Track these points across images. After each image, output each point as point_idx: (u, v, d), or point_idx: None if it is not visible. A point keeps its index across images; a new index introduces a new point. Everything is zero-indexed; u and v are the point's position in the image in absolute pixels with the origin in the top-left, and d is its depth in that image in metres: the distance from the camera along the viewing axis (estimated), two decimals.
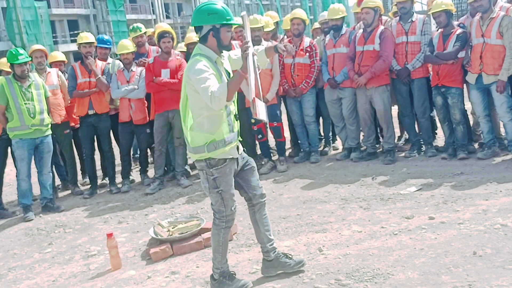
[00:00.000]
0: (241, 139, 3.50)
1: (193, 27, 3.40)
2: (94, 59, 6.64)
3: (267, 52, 3.43)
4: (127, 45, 6.65)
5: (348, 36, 6.53)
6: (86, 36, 6.70)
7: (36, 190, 6.44)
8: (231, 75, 3.32)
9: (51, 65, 7.21)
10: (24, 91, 5.90)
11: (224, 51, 3.38)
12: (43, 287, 4.08)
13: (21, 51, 5.97)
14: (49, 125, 6.14)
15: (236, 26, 6.85)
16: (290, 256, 3.63)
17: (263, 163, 6.74)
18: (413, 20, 6.24)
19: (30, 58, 6.04)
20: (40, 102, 6.00)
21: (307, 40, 6.68)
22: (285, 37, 7.42)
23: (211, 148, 3.25)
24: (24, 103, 5.87)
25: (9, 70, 6.20)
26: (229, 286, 3.43)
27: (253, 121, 6.56)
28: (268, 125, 6.77)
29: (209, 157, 3.28)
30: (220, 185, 3.34)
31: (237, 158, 3.42)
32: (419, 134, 6.60)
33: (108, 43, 7.17)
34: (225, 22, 3.23)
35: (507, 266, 3.28)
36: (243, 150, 3.60)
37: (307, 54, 6.61)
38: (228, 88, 3.07)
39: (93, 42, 6.66)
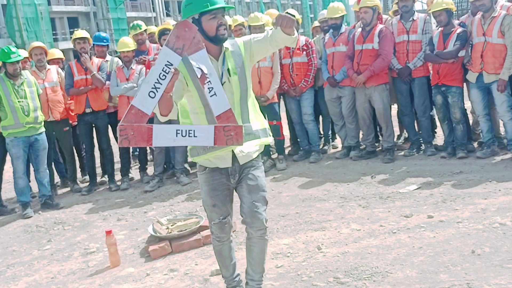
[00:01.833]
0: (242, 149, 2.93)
1: None
2: (90, 56, 6.62)
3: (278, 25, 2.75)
4: (128, 43, 6.64)
5: (348, 34, 6.52)
6: (80, 32, 6.70)
7: (35, 187, 6.45)
8: (241, 71, 2.85)
9: (49, 62, 7.19)
10: (17, 89, 5.90)
11: (233, 40, 2.92)
12: (41, 284, 4.08)
13: (13, 49, 5.96)
14: (43, 123, 6.14)
15: (237, 23, 6.94)
16: None
17: (262, 161, 6.74)
18: (415, 19, 6.24)
19: (22, 57, 6.02)
20: (33, 99, 6.00)
21: (302, 39, 6.68)
22: None
23: (194, 153, 2.93)
24: (18, 101, 5.87)
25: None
26: None
27: None
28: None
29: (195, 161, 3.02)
30: (201, 193, 3.06)
31: (229, 168, 2.95)
32: (418, 133, 6.60)
33: (105, 41, 7.15)
34: (202, 10, 2.74)
35: (505, 265, 3.28)
36: (257, 158, 3.04)
37: (304, 52, 6.61)
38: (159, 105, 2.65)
39: (87, 38, 6.61)
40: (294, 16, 2.66)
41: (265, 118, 7.05)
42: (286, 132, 7.24)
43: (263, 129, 3.00)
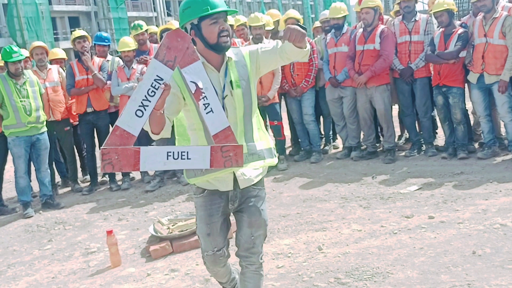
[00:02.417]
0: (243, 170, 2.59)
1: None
2: (91, 56, 6.62)
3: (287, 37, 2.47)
4: (128, 43, 6.64)
5: (350, 35, 6.52)
6: (78, 32, 6.71)
7: (36, 187, 6.45)
8: (245, 83, 2.59)
9: (52, 62, 7.20)
10: (19, 89, 5.90)
11: (237, 49, 2.64)
12: (42, 283, 4.08)
13: (15, 48, 5.96)
14: (45, 122, 6.14)
15: (239, 23, 6.94)
16: None
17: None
18: (417, 19, 6.24)
19: (24, 57, 6.01)
20: (35, 99, 6.00)
21: None
22: None
23: (190, 174, 2.61)
24: (20, 101, 5.87)
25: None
26: None
27: None
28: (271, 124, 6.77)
29: (192, 183, 2.69)
30: (196, 218, 2.76)
31: (230, 192, 2.63)
32: (419, 134, 6.60)
33: (106, 40, 7.15)
34: (201, 14, 2.44)
35: (506, 266, 3.28)
36: (256, 182, 2.67)
37: None
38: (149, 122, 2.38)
39: (85, 36, 6.61)
40: (305, 28, 2.39)
41: (265, 118, 7.05)
42: (287, 132, 7.24)
43: (269, 149, 2.67)
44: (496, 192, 4.74)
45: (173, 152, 2.37)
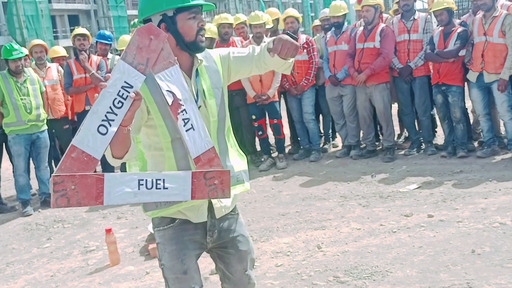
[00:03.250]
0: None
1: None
2: (90, 54, 6.61)
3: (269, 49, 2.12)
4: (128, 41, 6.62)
5: (350, 33, 6.52)
6: (80, 29, 6.71)
7: (35, 185, 6.45)
8: (219, 92, 2.15)
9: (53, 60, 7.20)
10: (20, 87, 5.89)
11: (205, 52, 2.16)
12: (41, 282, 4.08)
13: (15, 46, 5.96)
14: (45, 120, 6.14)
15: (239, 21, 6.93)
16: None
17: (262, 160, 6.79)
18: (416, 18, 6.23)
19: (24, 54, 6.01)
20: (36, 97, 6.00)
21: (303, 37, 6.68)
22: None
23: (150, 206, 2.08)
24: (20, 99, 5.86)
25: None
26: None
27: (253, 117, 6.57)
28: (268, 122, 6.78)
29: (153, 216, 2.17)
30: (162, 257, 2.16)
31: (207, 223, 2.16)
32: (419, 132, 6.60)
33: (109, 39, 7.15)
34: (182, 4, 2.03)
35: (505, 265, 3.28)
36: (230, 212, 2.26)
37: (305, 50, 6.60)
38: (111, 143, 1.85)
39: (86, 35, 6.60)
40: (296, 38, 2.06)
41: (265, 117, 7.05)
42: (286, 130, 7.23)
43: (245, 170, 2.25)
44: (496, 191, 4.74)
45: (146, 180, 1.87)
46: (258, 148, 7.08)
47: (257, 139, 7.00)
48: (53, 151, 6.81)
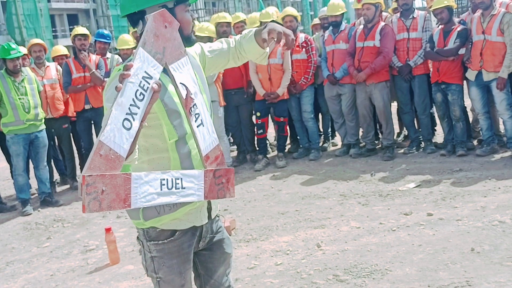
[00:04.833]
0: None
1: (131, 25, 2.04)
2: (88, 53, 6.61)
3: (257, 38, 2.08)
4: (128, 40, 6.63)
5: (348, 32, 6.52)
6: (81, 29, 6.71)
7: (35, 184, 6.45)
8: (205, 88, 2.06)
9: (54, 59, 7.20)
10: (18, 86, 5.89)
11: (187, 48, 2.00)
12: (41, 281, 4.08)
13: (13, 45, 5.96)
14: (43, 120, 6.14)
15: (238, 20, 6.91)
16: None
17: (258, 158, 6.77)
18: (415, 16, 6.23)
19: (22, 53, 6.01)
20: (34, 96, 5.99)
21: (302, 36, 6.67)
22: None
23: (151, 214, 1.93)
24: (18, 98, 5.86)
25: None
26: None
27: (258, 114, 6.56)
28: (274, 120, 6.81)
29: (150, 226, 1.99)
30: (159, 271, 2.03)
31: (204, 226, 2.08)
32: (418, 131, 6.60)
33: (107, 38, 7.15)
34: None
35: (504, 263, 3.28)
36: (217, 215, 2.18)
37: (303, 49, 6.60)
38: None
39: (87, 35, 6.61)
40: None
41: (269, 116, 7.06)
42: None
43: None
44: (495, 189, 4.75)
45: (167, 179, 1.74)
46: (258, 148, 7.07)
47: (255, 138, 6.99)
48: (52, 150, 6.82)
